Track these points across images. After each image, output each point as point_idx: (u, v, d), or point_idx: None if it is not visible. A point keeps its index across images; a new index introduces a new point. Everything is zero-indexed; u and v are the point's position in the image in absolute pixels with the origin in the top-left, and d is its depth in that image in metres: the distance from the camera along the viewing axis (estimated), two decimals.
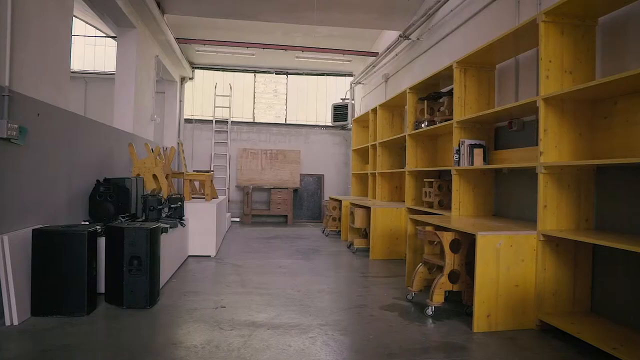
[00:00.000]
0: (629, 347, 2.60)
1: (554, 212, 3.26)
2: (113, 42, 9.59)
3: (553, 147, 3.25)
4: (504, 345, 2.92)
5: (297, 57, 9.80)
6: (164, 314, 3.41)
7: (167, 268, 4.39)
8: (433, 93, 5.45)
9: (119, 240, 3.50)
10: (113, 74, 7.26)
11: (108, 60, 10.53)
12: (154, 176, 5.38)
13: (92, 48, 10.73)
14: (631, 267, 2.99)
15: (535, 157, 3.78)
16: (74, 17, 6.24)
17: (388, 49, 7.84)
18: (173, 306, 3.61)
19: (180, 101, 10.83)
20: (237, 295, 3.98)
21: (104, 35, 10.30)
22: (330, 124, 11.22)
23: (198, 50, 9.47)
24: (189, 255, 5.73)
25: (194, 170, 8.49)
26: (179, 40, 8.63)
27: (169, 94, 10.43)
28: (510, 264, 3.23)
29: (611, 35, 3.25)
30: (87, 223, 4.16)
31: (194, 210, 5.77)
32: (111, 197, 4.37)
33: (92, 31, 10.51)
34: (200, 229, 5.78)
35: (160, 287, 3.95)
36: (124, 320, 3.23)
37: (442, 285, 3.53)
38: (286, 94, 11.51)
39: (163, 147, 6.96)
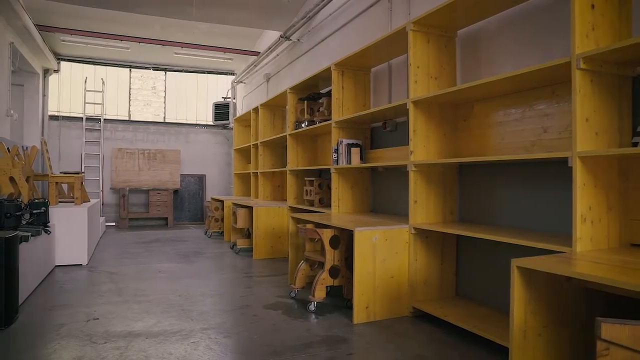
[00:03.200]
0: (487, 324, 2.92)
1: (423, 207, 3.52)
2: None
3: (422, 146, 3.52)
4: (382, 333, 3.10)
5: (176, 53, 9.41)
6: (24, 334, 3.07)
7: (28, 281, 3.95)
8: (313, 94, 5.60)
9: None
10: None
11: None
12: (11, 179, 4.83)
13: None
14: (487, 254, 3.35)
15: (407, 156, 4.06)
16: None
17: (269, 49, 7.88)
18: (36, 323, 3.27)
19: (44, 96, 9.80)
20: (112, 305, 3.72)
21: None
22: (211, 123, 10.97)
23: (64, 41, 8.67)
24: (56, 265, 5.23)
25: (61, 172, 7.75)
26: (40, 27, 7.81)
27: (30, 87, 9.37)
28: (385, 256, 3.43)
29: (468, 47, 3.60)
30: None
31: (61, 215, 5.28)
32: None
33: None
34: (70, 235, 5.31)
35: (20, 303, 3.55)
36: None
37: (324, 280, 3.64)
38: (165, 91, 11.01)
39: (23, 147, 6.25)
